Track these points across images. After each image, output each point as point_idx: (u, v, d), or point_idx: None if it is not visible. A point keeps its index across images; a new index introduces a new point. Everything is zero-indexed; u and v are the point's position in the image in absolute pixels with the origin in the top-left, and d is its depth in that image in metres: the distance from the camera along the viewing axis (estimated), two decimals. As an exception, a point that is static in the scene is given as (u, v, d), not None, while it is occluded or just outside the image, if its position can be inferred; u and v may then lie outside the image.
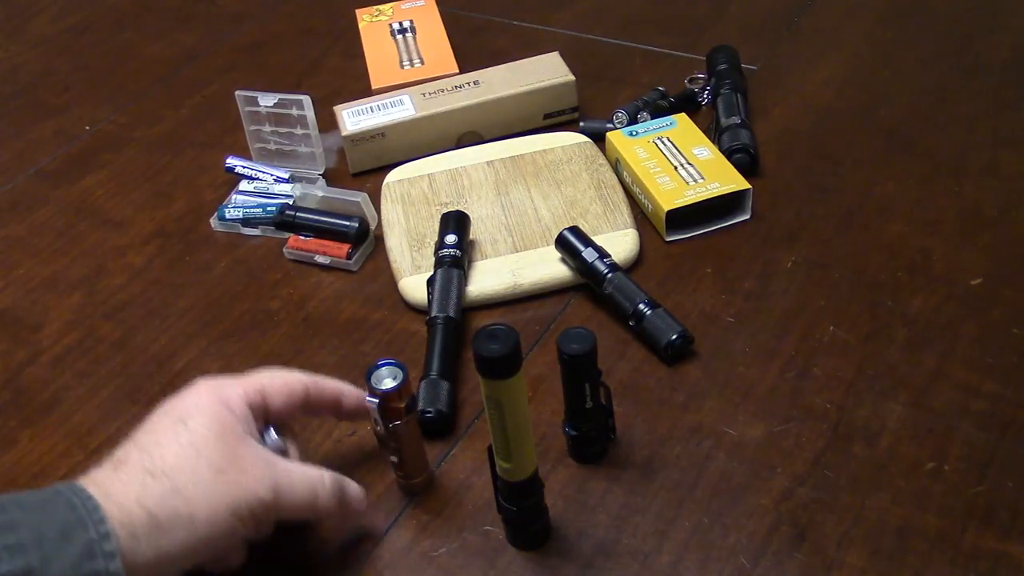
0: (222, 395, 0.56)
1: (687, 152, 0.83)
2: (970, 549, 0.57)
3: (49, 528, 0.47)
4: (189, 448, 0.53)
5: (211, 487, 0.52)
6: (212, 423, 0.54)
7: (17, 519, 0.47)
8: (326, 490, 0.57)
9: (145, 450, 0.52)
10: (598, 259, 0.73)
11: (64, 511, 0.48)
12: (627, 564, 0.59)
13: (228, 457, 0.53)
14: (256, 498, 0.53)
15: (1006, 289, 0.73)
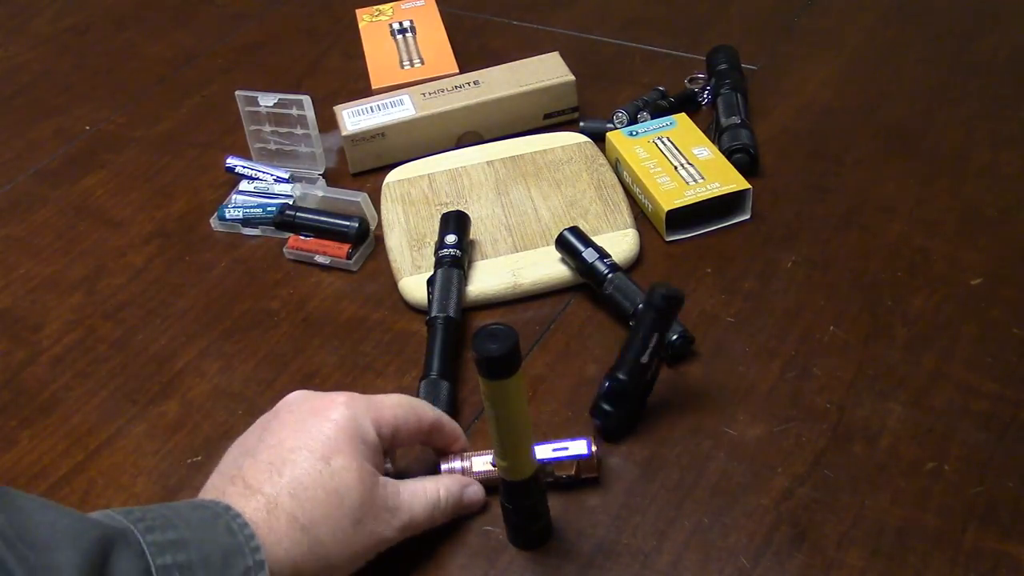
0: (360, 426, 0.56)
1: (687, 152, 0.83)
2: (970, 549, 0.57)
3: (214, 551, 0.48)
4: (334, 496, 0.54)
5: (349, 538, 0.54)
6: (353, 464, 0.55)
7: (187, 538, 0.48)
8: (442, 509, 0.59)
9: (294, 495, 0.53)
10: (598, 259, 0.73)
11: (224, 535, 0.49)
12: (627, 564, 0.59)
13: (366, 505, 0.55)
14: (384, 540, 0.56)
15: (1006, 289, 0.73)
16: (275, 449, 0.55)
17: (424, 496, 0.59)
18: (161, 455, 0.69)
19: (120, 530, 0.47)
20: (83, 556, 0.44)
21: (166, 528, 0.48)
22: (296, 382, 0.73)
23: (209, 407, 0.71)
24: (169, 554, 0.47)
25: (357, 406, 0.57)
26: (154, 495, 0.66)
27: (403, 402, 0.60)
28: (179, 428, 0.70)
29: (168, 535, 0.48)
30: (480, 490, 0.62)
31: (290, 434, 0.56)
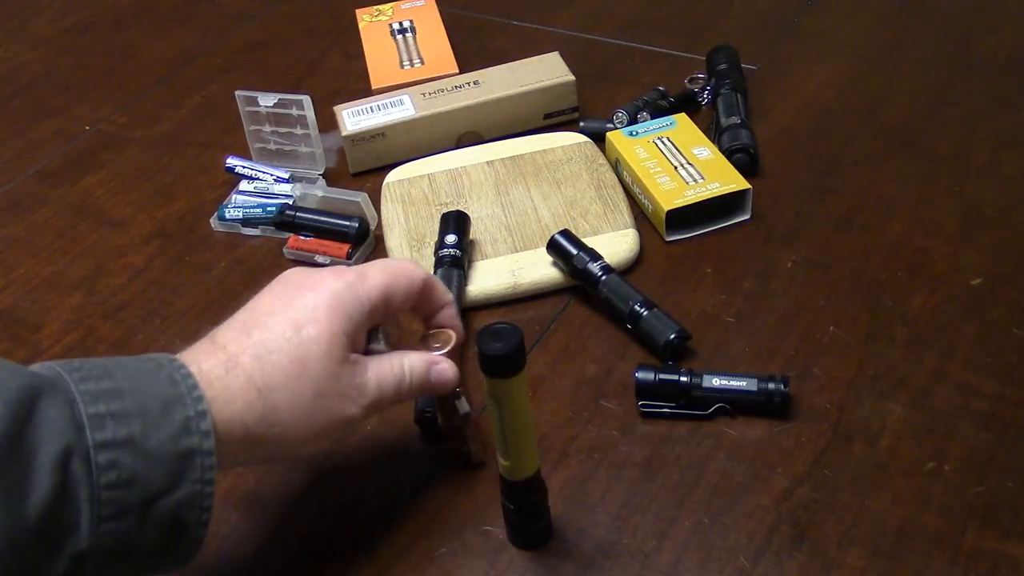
0: (345, 301, 0.54)
1: (687, 152, 0.83)
2: (970, 549, 0.57)
3: (152, 400, 0.47)
4: (297, 364, 0.52)
5: (308, 410, 0.52)
6: (324, 335, 0.53)
7: (123, 387, 0.47)
8: (408, 384, 0.57)
9: (257, 357, 0.51)
10: (590, 262, 0.73)
11: (165, 385, 0.48)
12: (627, 564, 0.59)
13: (330, 379, 0.53)
14: (349, 418, 0.54)
15: (1006, 289, 0.73)
16: (251, 312, 0.54)
17: (391, 373, 0.56)
18: (161, 455, 0.68)
19: (51, 379, 0.46)
20: (5, 404, 0.43)
21: (102, 378, 0.47)
22: (296, 382, 0.72)
23: (209, 407, 0.71)
24: (103, 403, 0.46)
25: (346, 279, 0.55)
26: (154, 495, 0.66)
27: (389, 267, 0.58)
28: (179, 428, 0.70)
29: (103, 384, 0.46)
30: (450, 369, 0.59)
31: (271, 300, 0.55)
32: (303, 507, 0.64)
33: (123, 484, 0.45)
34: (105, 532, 0.45)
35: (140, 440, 0.46)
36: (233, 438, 0.50)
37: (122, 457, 0.45)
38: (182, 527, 0.48)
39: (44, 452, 0.43)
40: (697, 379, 0.65)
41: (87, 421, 0.45)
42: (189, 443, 0.47)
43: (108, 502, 0.45)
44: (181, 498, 0.47)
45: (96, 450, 0.45)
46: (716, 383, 0.65)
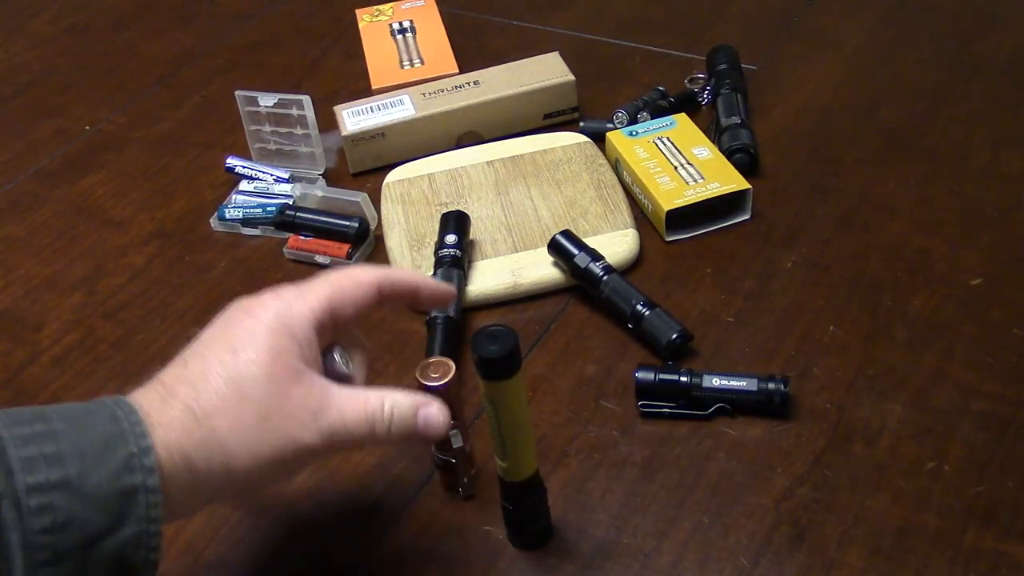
0: (286, 319, 0.51)
1: (687, 152, 0.83)
2: (970, 549, 0.57)
3: (90, 439, 0.45)
4: (235, 388, 0.49)
5: (254, 435, 0.49)
6: (264, 357, 0.50)
7: (58, 429, 0.45)
8: (385, 426, 0.52)
9: (193, 385, 0.49)
10: (591, 263, 0.73)
11: (107, 423, 0.46)
12: (627, 564, 0.59)
13: (275, 400, 0.49)
14: (303, 446, 0.50)
15: (1006, 289, 0.73)
16: (192, 347, 0.52)
17: (363, 405, 0.52)
18: (161, 455, 0.68)
19: None
20: None
21: (35, 421, 0.45)
22: (296, 382, 0.72)
23: (209, 407, 0.71)
24: (35, 445, 0.44)
25: (285, 298, 0.52)
26: (154, 495, 0.66)
27: (333, 277, 0.54)
28: (179, 428, 0.70)
29: (36, 427, 0.45)
30: (441, 412, 0.54)
31: (211, 331, 0.52)
32: (303, 507, 0.64)
33: (58, 528, 0.43)
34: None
35: (77, 481, 0.44)
36: (177, 472, 0.47)
37: (56, 500, 0.43)
38: (130, 569, 0.46)
39: None
40: (697, 379, 0.65)
41: (18, 464, 0.43)
42: (132, 480, 0.45)
43: (43, 547, 0.43)
44: (126, 538, 0.45)
45: (28, 494, 0.42)
46: (716, 383, 0.65)
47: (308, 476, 0.66)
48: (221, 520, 0.64)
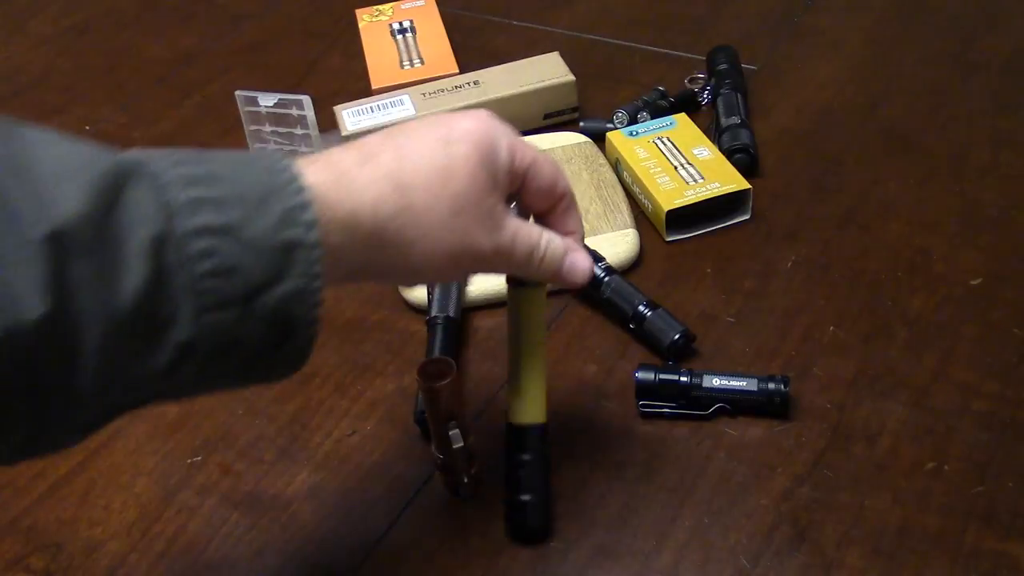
0: (494, 141, 0.52)
1: (687, 152, 0.83)
2: (970, 549, 0.57)
3: (249, 188, 0.44)
4: (441, 175, 0.49)
5: (444, 223, 0.49)
6: (473, 159, 0.50)
7: (220, 173, 0.44)
8: (539, 257, 0.54)
9: (401, 156, 0.49)
10: (592, 264, 0.73)
11: (263, 174, 0.45)
12: (627, 564, 0.59)
13: (471, 201, 0.50)
14: (477, 250, 0.51)
15: (1006, 289, 0.73)
16: (402, 127, 0.52)
17: (529, 234, 0.54)
18: (161, 455, 0.69)
19: (139, 162, 0.43)
20: (91, 186, 0.40)
21: (197, 163, 0.44)
22: (295, 382, 0.72)
23: (209, 407, 0.71)
24: (199, 187, 0.42)
25: (499, 125, 0.53)
26: (154, 495, 0.66)
27: (545, 158, 0.55)
28: (179, 428, 0.70)
29: (199, 169, 0.43)
30: (586, 262, 0.57)
31: (419, 121, 0.53)
32: (303, 507, 0.64)
33: (222, 273, 0.42)
34: (207, 323, 0.42)
35: (238, 228, 0.43)
36: (359, 232, 0.47)
37: (220, 245, 0.42)
38: (291, 325, 0.45)
39: (134, 239, 0.40)
40: (697, 379, 0.65)
41: (181, 207, 0.42)
42: (291, 234, 0.44)
43: (207, 291, 0.42)
44: (287, 292, 0.44)
45: (192, 237, 0.42)
46: (716, 383, 0.65)
47: (308, 476, 0.66)
48: (221, 520, 0.64)
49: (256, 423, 0.70)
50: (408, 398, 0.69)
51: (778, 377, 0.65)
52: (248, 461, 0.67)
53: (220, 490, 0.66)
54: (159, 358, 0.42)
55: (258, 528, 0.63)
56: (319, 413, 0.70)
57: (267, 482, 0.66)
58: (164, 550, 0.63)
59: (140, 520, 0.64)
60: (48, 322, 0.37)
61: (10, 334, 0.37)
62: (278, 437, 0.69)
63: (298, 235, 0.44)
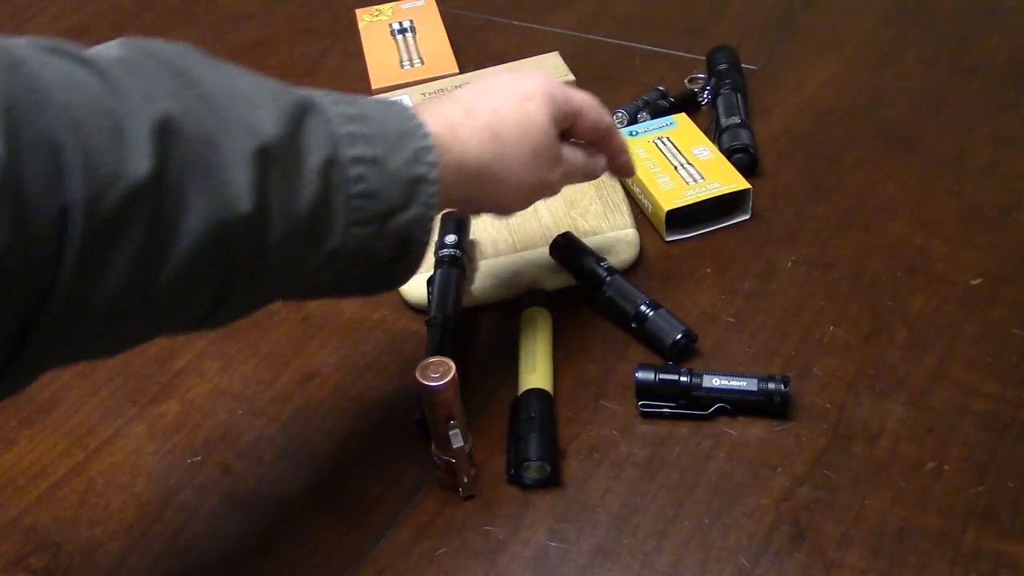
0: (554, 94, 0.63)
1: (687, 152, 0.83)
2: (970, 549, 0.57)
3: (390, 129, 0.53)
4: (524, 124, 0.61)
5: (527, 163, 0.61)
6: (544, 110, 0.62)
7: (369, 114, 0.53)
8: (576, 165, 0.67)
9: (494, 111, 0.60)
10: (595, 264, 0.73)
11: (398, 119, 0.54)
12: (627, 564, 0.59)
13: (544, 145, 0.62)
14: (547, 182, 0.64)
15: (1006, 289, 0.73)
16: (477, 84, 0.63)
17: (572, 155, 0.66)
18: (161, 455, 0.69)
19: (312, 98, 0.52)
20: (282, 113, 0.49)
21: (351, 103, 0.53)
22: (296, 382, 0.73)
23: (209, 407, 0.71)
24: (354, 125, 0.52)
25: (554, 81, 0.64)
26: (154, 495, 0.66)
27: (590, 96, 0.66)
28: (179, 428, 0.70)
29: (353, 109, 0.53)
30: (603, 162, 0.69)
31: (491, 79, 0.64)
32: (303, 507, 0.64)
33: (368, 196, 0.51)
34: (352, 236, 0.51)
35: (382, 161, 0.52)
36: (465, 171, 0.58)
37: (368, 173, 0.51)
38: (409, 244, 0.55)
39: (311, 159, 0.49)
40: (697, 379, 0.65)
41: (343, 138, 0.51)
42: (419, 171, 0.53)
43: (356, 210, 0.51)
44: (411, 217, 0.53)
45: (350, 164, 0.51)
46: (716, 383, 0.65)
47: (308, 476, 0.66)
48: (221, 520, 0.64)
49: (256, 423, 0.70)
50: (408, 398, 0.69)
51: (778, 377, 0.65)
52: (248, 461, 0.67)
53: (220, 490, 0.66)
54: (313, 260, 0.51)
55: (258, 528, 0.63)
56: (319, 413, 0.70)
57: (267, 482, 0.66)
58: (164, 550, 0.63)
59: (140, 520, 0.64)
60: (251, 217, 0.46)
61: (225, 224, 0.45)
62: (278, 437, 0.69)
63: (424, 172, 0.54)
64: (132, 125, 0.42)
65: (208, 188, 0.45)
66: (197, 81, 0.47)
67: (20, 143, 0.38)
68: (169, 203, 0.43)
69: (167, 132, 0.43)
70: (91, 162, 0.41)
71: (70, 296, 0.41)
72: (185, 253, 0.44)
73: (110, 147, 0.41)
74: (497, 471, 0.65)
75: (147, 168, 0.42)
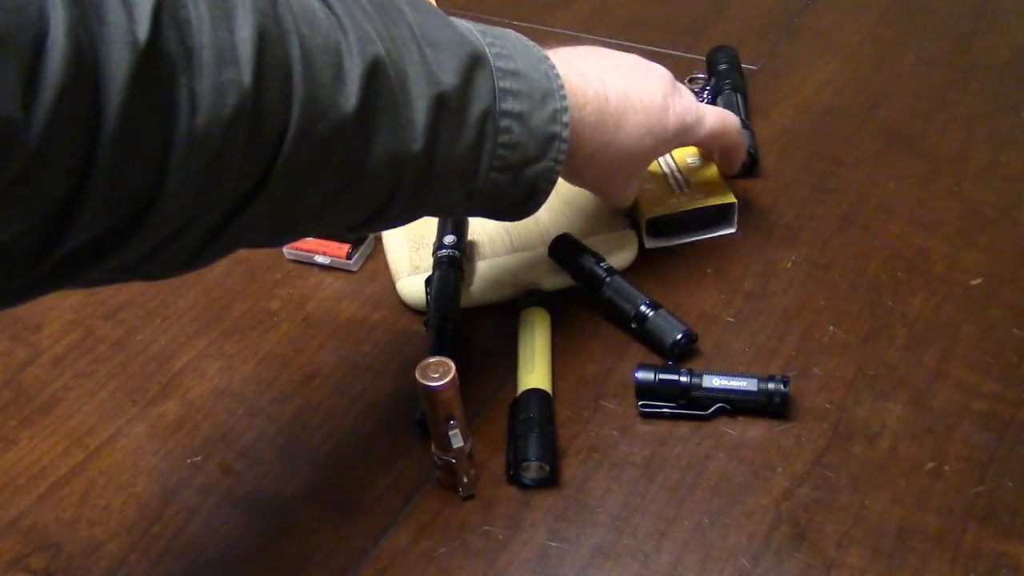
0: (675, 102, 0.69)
1: (679, 158, 0.83)
2: (970, 549, 0.57)
3: (536, 88, 0.58)
4: (657, 82, 0.68)
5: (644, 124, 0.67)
6: (661, 88, 0.68)
7: (521, 71, 0.58)
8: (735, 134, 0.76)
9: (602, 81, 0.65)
10: (595, 265, 0.73)
11: (544, 79, 0.59)
12: (627, 564, 0.59)
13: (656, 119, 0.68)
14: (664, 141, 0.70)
15: (1006, 289, 0.73)
16: (606, 52, 0.69)
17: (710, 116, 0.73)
18: (161, 455, 0.69)
19: (482, 49, 0.56)
20: (460, 63, 0.54)
21: (509, 58, 0.57)
22: (296, 382, 0.73)
23: (209, 407, 0.71)
24: (508, 80, 0.57)
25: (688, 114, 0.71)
26: (154, 495, 0.66)
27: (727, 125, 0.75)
28: (179, 428, 0.70)
29: (510, 64, 0.57)
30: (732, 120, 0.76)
31: (619, 53, 0.69)
32: (303, 507, 0.64)
33: (511, 147, 0.57)
34: (491, 180, 0.58)
35: (527, 117, 0.57)
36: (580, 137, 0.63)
37: (514, 127, 0.57)
38: (535, 190, 0.61)
39: (473, 109, 0.55)
40: (697, 379, 0.65)
41: (499, 93, 0.56)
42: (554, 129, 0.59)
43: (498, 158, 0.57)
44: (541, 169, 0.60)
45: (501, 117, 0.56)
46: (716, 383, 0.65)
47: (308, 476, 0.66)
48: (221, 520, 0.64)
49: (256, 423, 0.70)
50: (408, 398, 0.69)
51: (778, 377, 0.65)
52: (248, 461, 0.67)
53: (220, 490, 0.66)
54: (456, 195, 0.58)
55: (258, 528, 0.63)
56: (319, 413, 0.70)
57: (267, 482, 0.66)
58: (164, 550, 0.63)
59: (140, 520, 0.65)
60: (419, 156, 0.52)
61: (400, 159, 0.52)
62: (278, 437, 0.69)
63: (558, 131, 0.59)
64: (350, 64, 0.48)
65: (394, 126, 0.51)
66: (402, 22, 0.52)
67: (263, 70, 0.43)
68: (365, 136, 0.49)
69: (374, 73, 0.49)
70: (311, 94, 0.46)
71: (274, 200, 0.47)
72: (366, 179, 0.51)
73: (329, 82, 0.47)
74: (497, 471, 0.65)
75: (354, 105, 0.48)
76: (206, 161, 0.42)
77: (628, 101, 0.65)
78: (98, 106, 0.38)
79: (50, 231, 0.40)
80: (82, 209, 0.39)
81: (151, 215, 0.42)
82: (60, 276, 0.43)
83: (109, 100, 0.38)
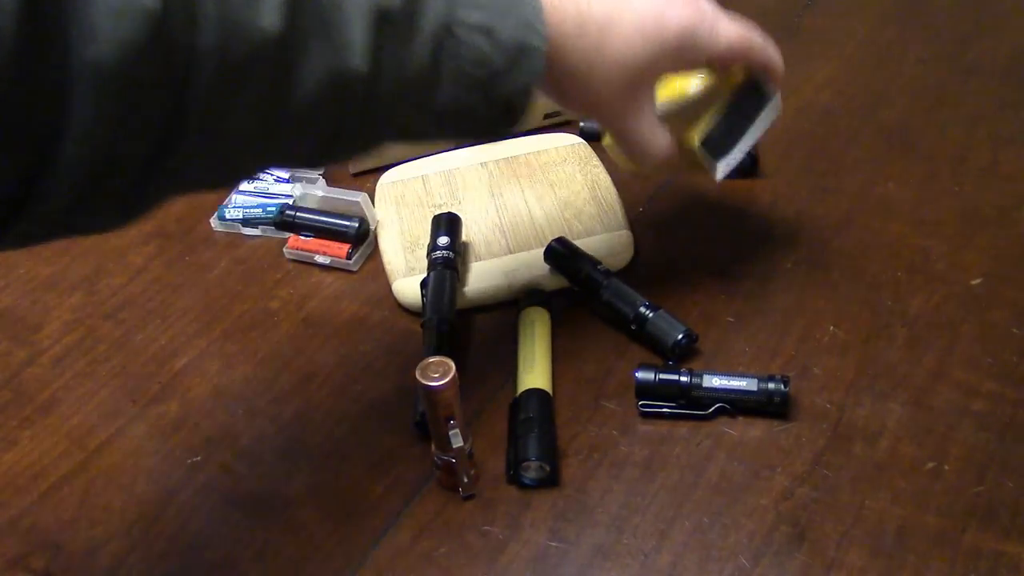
0: (689, 46, 0.64)
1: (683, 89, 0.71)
2: (970, 549, 0.57)
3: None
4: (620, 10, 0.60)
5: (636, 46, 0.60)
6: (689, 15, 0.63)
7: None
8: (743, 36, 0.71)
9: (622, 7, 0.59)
10: (591, 268, 0.73)
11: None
12: (627, 564, 0.59)
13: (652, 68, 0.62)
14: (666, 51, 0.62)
15: (1006, 289, 0.73)
16: None
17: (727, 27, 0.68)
18: (161, 455, 0.69)
19: None
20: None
21: None
22: (296, 382, 0.73)
23: (209, 407, 0.71)
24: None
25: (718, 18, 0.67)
26: (154, 495, 0.66)
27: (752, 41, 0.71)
28: (179, 428, 0.70)
29: None
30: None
31: None
32: (303, 507, 0.64)
33: (477, 63, 0.53)
34: (459, 100, 0.54)
35: (493, 29, 0.53)
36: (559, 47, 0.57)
37: (478, 40, 0.53)
38: (511, 108, 0.56)
39: (424, 25, 0.51)
40: (697, 379, 0.65)
41: (458, 4, 0.52)
42: (528, 39, 0.54)
43: (464, 75, 0.53)
44: (514, 85, 0.55)
45: (460, 30, 0.52)
46: (716, 383, 0.65)
47: (308, 476, 0.66)
48: (221, 520, 0.64)
49: (256, 423, 0.70)
50: (408, 398, 0.69)
51: (778, 377, 0.65)
52: (248, 461, 0.67)
53: (220, 490, 0.66)
54: (418, 117, 0.54)
55: (258, 528, 0.63)
56: (319, 413, 0.70)
57: (267, 482, 0.66)
58: (164, 550, 0.63)
59: (140, 520, 0.65)
60: (364, 77, 0.49)
61: (340, 81, 0.49)
62: (278, 437, 0.69)
63: (533, 41, 0.54)
64: None
65: (328, 47, 0.48)
66: None
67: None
68: (291, 58, 0.47)
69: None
70: (223, 14, 0.44)
71: (198, 131, 0.45)
72: (301, 104, 0.48)
73: (243, 2, 0.45)
74: (497, 471, 0.65)
75: (277, 25, 0.45)
76: (114, 90, 0.41)
77: (616, 4, 0.59)
78: None
79: None
80: None
81: (60, 151, 0.41)
82: None
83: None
